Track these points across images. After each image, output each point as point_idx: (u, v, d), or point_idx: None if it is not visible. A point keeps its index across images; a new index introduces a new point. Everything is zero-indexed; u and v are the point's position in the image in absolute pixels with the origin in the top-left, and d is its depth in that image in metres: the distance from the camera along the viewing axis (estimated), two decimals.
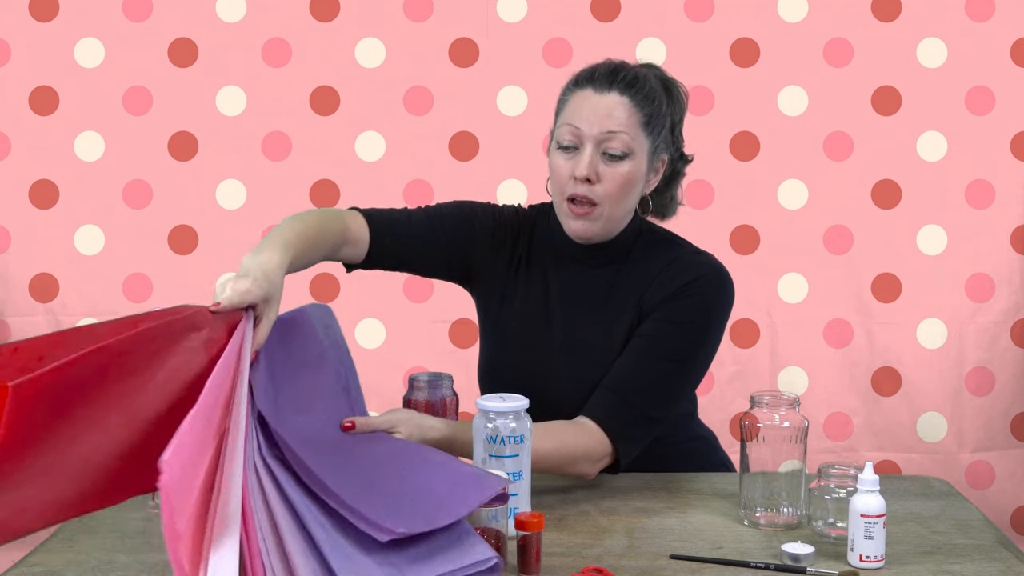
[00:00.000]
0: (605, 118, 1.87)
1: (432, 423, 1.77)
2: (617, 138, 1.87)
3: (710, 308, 1.93)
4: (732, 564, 1.59)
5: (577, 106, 1.90)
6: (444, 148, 2.97)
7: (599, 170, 1.88)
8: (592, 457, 1.85)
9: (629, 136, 1.87)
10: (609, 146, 1.87)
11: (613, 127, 1.87)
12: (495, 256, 2.04)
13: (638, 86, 1.90)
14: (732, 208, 2.95)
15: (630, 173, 1.89)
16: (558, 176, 1.91)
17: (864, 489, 1.58)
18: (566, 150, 1.90)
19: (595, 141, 1.87)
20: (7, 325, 2.98)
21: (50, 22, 2.94)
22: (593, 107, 1.88)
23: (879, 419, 2.98)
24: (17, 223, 2.97)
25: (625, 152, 1.88)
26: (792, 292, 2.97)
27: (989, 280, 2.94)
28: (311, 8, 2.95)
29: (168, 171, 2.96)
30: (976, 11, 2.90)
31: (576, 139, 1.89)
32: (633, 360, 1.89)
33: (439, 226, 2.01)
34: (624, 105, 1.88)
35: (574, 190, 1.89)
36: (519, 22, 2.95)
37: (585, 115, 1.88)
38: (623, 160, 1.88)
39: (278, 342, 1.60)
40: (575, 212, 1.90)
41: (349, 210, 1.96)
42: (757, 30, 2.94)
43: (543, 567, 1.56)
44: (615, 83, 1.89)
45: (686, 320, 1.90)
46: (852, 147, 2.94)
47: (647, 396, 1.88)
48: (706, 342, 1.93)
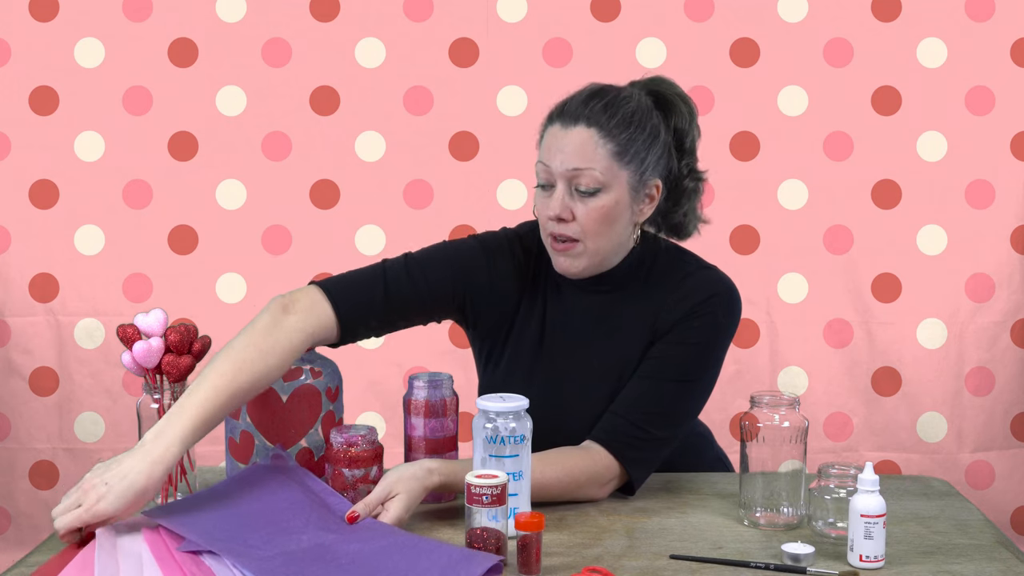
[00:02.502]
0: (571, 155, 1.81)
1: (428, 467, 1.70)
2: (584, 175, 1.81)
3: (720, 328, 1.89)
4: (732, 564, 1.59)
5: (548, 144, 1.84)
6: (444, 148, 2.96)
7: (573, 208, 1.82)
8: (599, 481, 1.82)
9: (598, 170, 1.80)
10: (578, 183, 1.81)
11: (578, 164, 1.80)
12: (498, 297, 1.95)
13: (609, 113, 1.82)
14: (732, 208, 2.95)
15: (606, 207, 1.82)
16: (539, 215, 1.87)
17: (864, 489, 1.58)
18: (543, 188, 1.85)
19: (565, 179, 1.82)
20: (7, 325, 2.98)
21: (50, 22, 2.94)
22: (560, 144, 1.82)
23: (879, 419, 2.98)
24: (17, 223, 2.97)
25: (596, 188, 1.81)
26: (792, 292, 2.97)
27: (989, 280, 2.94)
28: (311, 8, 2.95)
29: (168, 171, 2.96)
30: (976, 11, 2.90)
31: (549, 177, 1.83)
32: (641, 383, 1.86)
33: (423, 284, 1.88)
34: (590, 138, 1.80)
35: (553, 229, 1.84)
36: (519, 22, 2.95)
37: (553, 153, 1.82)
38: (596, 195, 1.82)
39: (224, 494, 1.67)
40: (556, 248, 1.86)
41: (305, 291, 1.81)
42: (757, 30, 2.94)
43: (543, 567, 1.56)
44: (582, 115, 1.81)
45: (697, 341, 1.87)
46: (852, 147, 2.94)
47: (656, 418, 1.84)
48: (715, 361, 1.91)
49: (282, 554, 1.55)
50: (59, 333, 2.98)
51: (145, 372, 1.80)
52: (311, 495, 1.72)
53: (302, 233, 2.98)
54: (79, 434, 2.99)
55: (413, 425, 1.84)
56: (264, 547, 1.57)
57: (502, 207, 2.95)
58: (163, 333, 1.80)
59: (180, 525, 1.61)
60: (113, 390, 2.98)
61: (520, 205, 2.94)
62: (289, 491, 1.73)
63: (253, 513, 1.66)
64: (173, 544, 1.57)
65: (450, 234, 2.95)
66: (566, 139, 1.81)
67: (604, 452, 1.82)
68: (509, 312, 1.96)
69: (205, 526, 1.61)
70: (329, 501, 1.72)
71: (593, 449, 1.83)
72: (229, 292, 2.98)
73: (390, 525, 1.65)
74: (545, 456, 1.78)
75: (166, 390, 1.80)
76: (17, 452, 3.00)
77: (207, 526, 1.61)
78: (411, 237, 2.99)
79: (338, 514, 1.68)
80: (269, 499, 1.70)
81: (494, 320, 1.96)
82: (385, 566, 1.52)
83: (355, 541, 1.59)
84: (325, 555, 1.55)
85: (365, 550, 1.56)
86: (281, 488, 1.73)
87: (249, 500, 1.70)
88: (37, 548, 1.69)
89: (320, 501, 1.71)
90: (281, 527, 1.63)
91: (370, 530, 1.63)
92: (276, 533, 1.61)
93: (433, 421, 1.83)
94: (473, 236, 1.99)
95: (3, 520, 3.01)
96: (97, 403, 2.99)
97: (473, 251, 1.94)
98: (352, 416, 2.87)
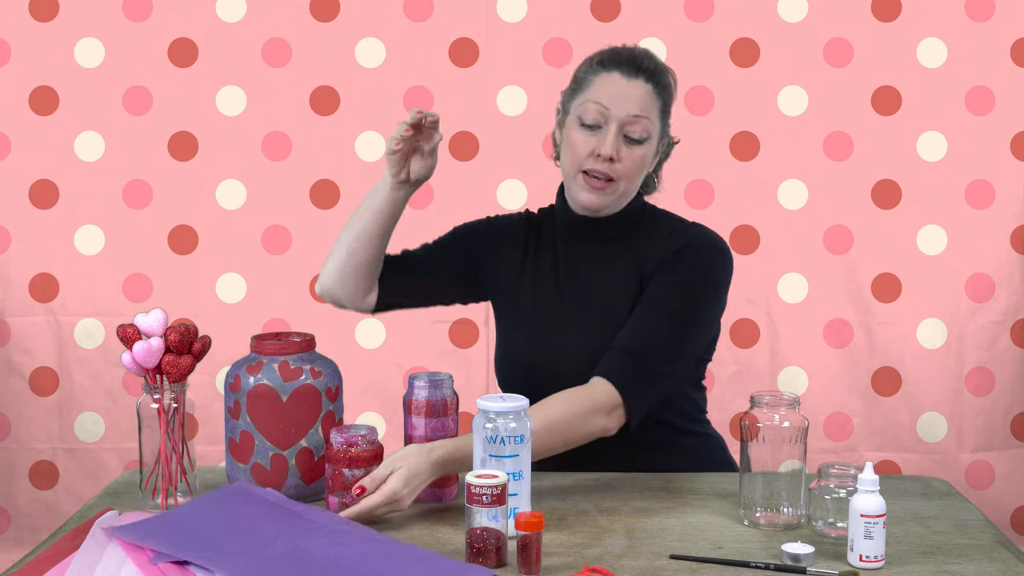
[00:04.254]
0: (632, 103, 1.95)
1: (430, 445, 1.76)
2: (640, 123, 1.95)
3: (707, 270, 1.99)
4: (732, 564, 1.59)
5: (604, 87, 1.96)
6: (444, 148, 2.96)
7: (619, 151, 1.95)
8: (603, 408, 1.85)
9: (650, 122, 1.97)
10: (631, 129, 1.95)
11: (638, 112, 1.95)
12: (500, 254, 2.12)
13: (659, 75, 1.99)
14: (732, 208, 2.95)
15: (646, 156, 1.99)
16: (577, 150, 1.97)
17: (864, 489, 1.58)
18: (588, 128, 1.96)
19: (620, 122, 1.95)
20: (7, 325, 2.98)
21: (50, 22, 2.94)
22: (622, 91, 1.95)
23: (879, 419, 2.98)
24: (17, 223, 2.97)
25: (644, 136, 1.97)
26: (792, 292, 2.97)
27: (989, 280, 2.94)
28: (311, 8, 2.95)
29: (168, 171, 2.96)
30: (976, 11, 2.90)
31: (601, 118, 1.95)
32: (636, 320, 1.95)
33: (436, 250, 2.15)
34: (649, 93, 1.97)
35: (594, 165, 1.96)
36: (519, 22, 2.95)
37: (613, 97, 1.95)
38: (641, 143, 1.97)
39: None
40: (592, 185, 1.97)
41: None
42: (757, 30, 2.94)
43: (543, 567, 1.56)
44: (641, 70, 1.97)
45: (684, 279, 1.97)
46: (852, 147, 2.94)
47: (652, 351, 1.91)
48: (706, 303, 1.98)
49: (260, 558, 1.54)
50: (59, 333, 2.98)
51: (145, 372, 1.80)
52: (275, 506, 1.71)
53: (302, 233, 2.98)
54: (79, 434, 2.99)
55: (413, 425, 1.84)
56: (241, 553, 1.56)
57: (502, 207, 2.95)
58: (163, 333, 1.80)
59: (150, 540, 1.59)
60: (113, 390, 2.98)
61: (520, 205, 2.94)
62: (254, 504, 1.71)
63: (222, 525, 1.64)
64: (151, 553, 1.56)
65: None
66: (629, 88, 1.96)
67: (603, 381, 1.88)
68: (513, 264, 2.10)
69: (176, 539, 1.60)
70: (296, 509, 1.70)
71: (593, 381, 1.89)
72: (229, 292, 2.98)
73: (368, 529, 1.64)
74: (545, 401, 1.83)
75: (166, 390, 1.80)
76: (17, 452, 3.00)
77: (179, 539, 1.60)
78: (411, 237, 2.98)
79: (308, 520, 1.65)
80: (236, 511, 1.68)
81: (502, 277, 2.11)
82: (370, 572, 1.50)
83: (334, 545, 1.57)
84: (304, 558, 1.54)
85: (346, 554, 1.54)
86: (244, 505, 1.71)
87: (216, 515, 1.68)
88: (37, 548, 1.69)
89: (287, 510, 1.69)
90: (253, 536, 1.61)
91: (348, 534, 1.61)
92: (250, 542, 1.59)
93: (433, 421, 1.83)
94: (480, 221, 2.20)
95: (3, 520, 3.01)
96: (97, 403, 2.98)
97: (477, 220, 2.19)
98: (352, 416, 2.87)
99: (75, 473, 2.98)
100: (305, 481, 1.83)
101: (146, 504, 1.82)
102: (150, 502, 1.82)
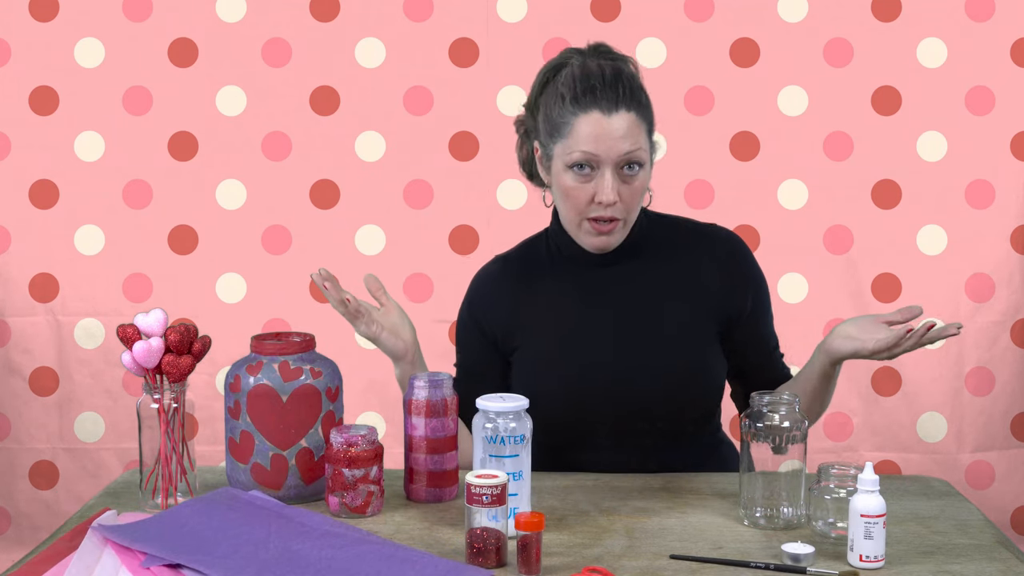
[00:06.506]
0: (621, 141, 1.85)
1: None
2: (633, 156, 1.87)
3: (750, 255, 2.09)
4: (732, 564, 1.59)
5: (590, 131, 1.86)
6: (444, 148, 2.96)
7: (620, 190, 1.88)
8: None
9: (642, 149, 1.88)
10: (626, 165, 1.87)
11: (630, 147, 1.86)
12: (499, 322, 2.04)
13: (636, 94, 1.88)
14: (732, 208, 2.95)
15: (644, 182, 1.92)
16: (575, 200, 1.90)
17: (864, 489, 1.58)
18: (579, 171, 1.87)
19: (613, 164, 1.86)
20: (7, 325, 2.98)
21: (50, 22, 2.94)
22: (606, 131, 1.85)
23: (879, 419, 2.98)
24: (17, 223, 2.97)
25: (640, 164, 1.89)
26: (792, 292, 2.97)
27: (989, 280, 2.94)
28: (311, 8, 2.95)
29: (168, 171, 2.96)
30: (976, 11, 2.90)
31: (593, 161, 1.87)
32: (766, 323, 2.14)
33: (472, 365, 2.07)
34: (634, 121, 1.87)
35: (598, 213, 1.89)
36: (519, 22, 2.95)
37: (600, 141, 1.85)
38: (638, 173, 1.89)
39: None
40: (600, 230, 1.91)
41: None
42: (757, 30, 2.93)
43: (543, 567, 1.56)
44: (621, 100, 1.86)
45: (754, 275, 2.07)
46: (852, 147, 2.94)
47: (777, 342, 2.19)
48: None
49: (252, 561, 1.54)
50: (59, 333, 2.98)
51: (145, 372, 1.80)
52: (264, 510, 1.70)
53: (302, 233, 2.98)
54: (79, 434, 2.99)
55: (414, 425, 1.84)
56: (233, 555, 1.56)
57: (502, 207, 2.95)
58: (163, 333, 1.80)
59: (140, 543, 1.59)
60: (113, 390, 2.98)
61: (520, 205, 2.94)
62: (242, 509, 1.70)
63: (212, 528, 1.64)
64: (142, 556, 1.56)
65: (450, 234, 2.96)
66: (612, 125, 1.85)
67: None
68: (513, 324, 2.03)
69: (167, 542, 1.59)
70: (287, 513, 1.69)
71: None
72: (229, 292, 2.98)
73: (362, 530, 1.64)
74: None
75: (166, 390, 1.80)
76: (17, 452, 3.00)
77: (170, 542, 1.60)
78: (411, 237, 3.00)
79: (299, 523, 1.65)
80: (225, 516, 1.68)
81: (510, 339, 2.04)
82: (364, 574, 1.50)
83: (326, 547, 1.57)
84: (298, 560, 1.54)
85: (339, 556, 1.54)
86: (232, 509, 1.70)
87: (207, 517, 1.67)
88: (37, 548, 1.69)
89: (277, 513, 1.69)
90: (245, 538, 1.60)
91: (341, 536, 1.60)
92: (242, 544, 1.59)
93: (434, 421, 1.83)
94: (462, 307, 2.10)
95: (3, 520, 3.01)
96: (97, 403, 2.98)
97: (464, 322, 2.08)
98: (352, 416, 2.87)
99: (75, 473, 2.98)
100: (305, 481, 1.83)
101: (146, 504, 1.82)
102: (150, 502, 1.82)
